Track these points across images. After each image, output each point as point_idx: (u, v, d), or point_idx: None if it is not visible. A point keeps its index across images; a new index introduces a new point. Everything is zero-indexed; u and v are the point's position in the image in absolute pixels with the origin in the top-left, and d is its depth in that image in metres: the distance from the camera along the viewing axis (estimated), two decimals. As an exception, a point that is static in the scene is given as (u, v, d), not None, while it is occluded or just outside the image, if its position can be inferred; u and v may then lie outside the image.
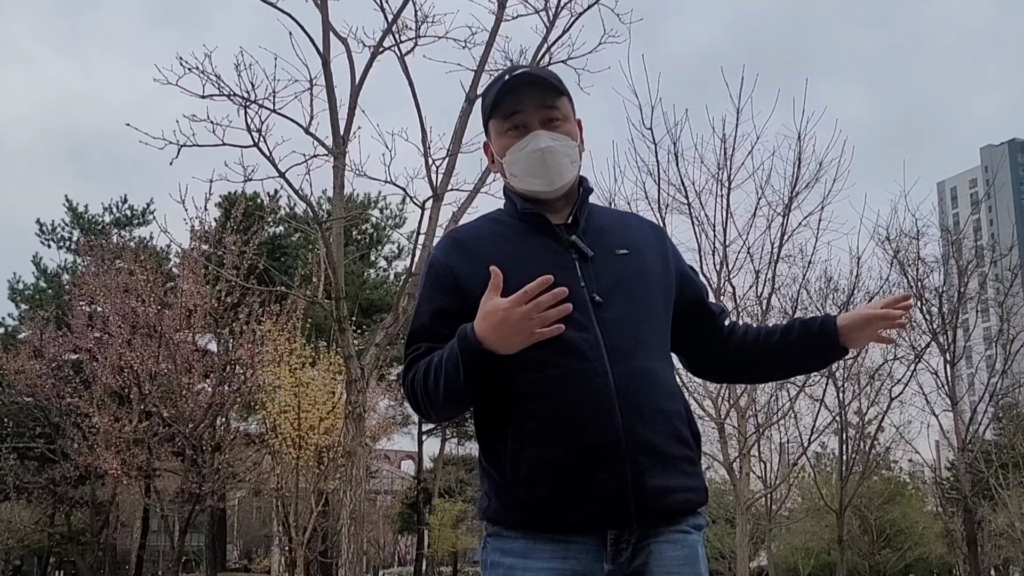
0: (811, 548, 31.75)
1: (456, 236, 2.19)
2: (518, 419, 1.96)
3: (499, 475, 1.99)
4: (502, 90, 2.09)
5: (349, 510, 8.88)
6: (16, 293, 31.72)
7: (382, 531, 41.39)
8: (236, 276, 16.69)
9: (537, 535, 1.95)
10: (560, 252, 2.04)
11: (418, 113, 9.39)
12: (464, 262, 2.05)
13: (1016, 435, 24.97)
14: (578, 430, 1.92)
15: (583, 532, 1.94)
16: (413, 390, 2.02)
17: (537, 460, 1.93)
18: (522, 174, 2.09)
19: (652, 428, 1.96)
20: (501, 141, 2.11)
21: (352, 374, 9.07)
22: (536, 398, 1.94)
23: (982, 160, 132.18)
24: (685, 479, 2.01)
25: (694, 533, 2.06)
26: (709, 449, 19.80)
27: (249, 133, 8.77)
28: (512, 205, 2.15)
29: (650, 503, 1.94)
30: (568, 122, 2.12)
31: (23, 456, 25.54)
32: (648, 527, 1.96)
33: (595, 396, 1.93)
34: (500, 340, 1.85)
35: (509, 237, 2.08)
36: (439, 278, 2.07)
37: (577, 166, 2.12)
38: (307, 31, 9.13)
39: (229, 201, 25.33)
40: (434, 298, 2.06)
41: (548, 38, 9.87)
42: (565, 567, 1.94)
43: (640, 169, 15.60)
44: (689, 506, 2.03)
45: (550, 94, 2.09)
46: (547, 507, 1.93)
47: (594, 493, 1.92)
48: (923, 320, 20.98)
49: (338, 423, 15.62)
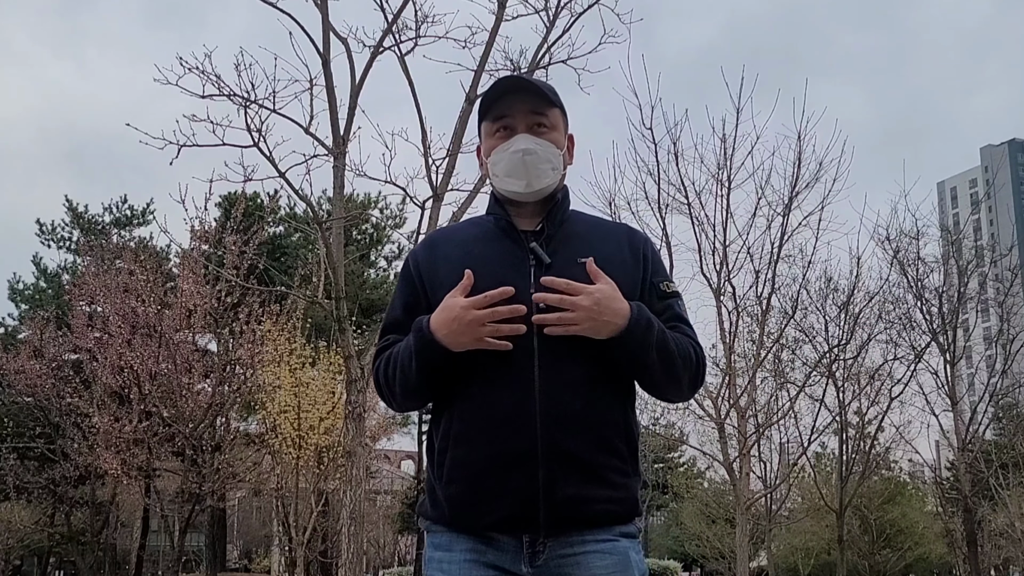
0: (811, 548, 31.76)
1: (432, 236, 2.34)
2: (448, 419, 2.04)
3: (432, 472, 2.08)
4: (495, 94, 2.16)
5: (349, 510, 8.88)
6: (16, 293, 31.72)
7: (382, 531, 41.35)
8: (236, 276, 16.69)
9: (459, 530, 2.02)
10: (519, 258, 2.08)
11: (418, 113, 9.41)
12: (428, 259, 2.17)
13: (1016, 435, 24.96)
14: (497, 434, 1.97)
15: (498, 532, 1.99)
16: (377, 378, 2.15)
17: (458, 460, 2.01)
18: (502, 174, 2.14)
19: (575, 437, 1.97)
20: (489, 142, 2.18)
21: (352, 374, 9.07)
22: (464, 400, 2.01)
23: (982, 160, 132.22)
24: (608, 490, 2.00)
25: (623, 541, 2.03)
26: (709, 449, 19.90)
27: (249, 133, 8.77)
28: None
29: (561, 511, 1.96)
30: (556, 131, 2.17)
31: (23, 456, 25.51)
32: (558, 535, 1.98)
33: (518, 401, 1.96)
34: (450, 336, 1.95)
35: (477, 239, 2.15)
36: (407, 274, 2.20)
37: (559, 174, 2.17)
38: (307, 31, 9.13)
39: (229, 201, 25.32)
40: (403, 293, 2.18)
41: (548, 38, 9.87)
42: (484, 559, 2.00)
43: (640, 169, 15.64)
44: (608, 518, 2.01)
45: (541, 102, 2.15)
46: (463, 506, 2.00)
47: (506, 497, 1.96)
48: (923, 320, 20.99)
49: (338, 423, 15.63)
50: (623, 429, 2.05)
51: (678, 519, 35.61)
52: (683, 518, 34.71)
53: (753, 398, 16.79)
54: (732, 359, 15.94)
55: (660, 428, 26.83)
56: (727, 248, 15.53)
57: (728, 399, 15.56)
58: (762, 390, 18.08)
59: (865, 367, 20.85)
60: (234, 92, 8.80)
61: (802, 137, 15.61)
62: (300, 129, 9.00)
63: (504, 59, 9.79)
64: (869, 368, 20.94)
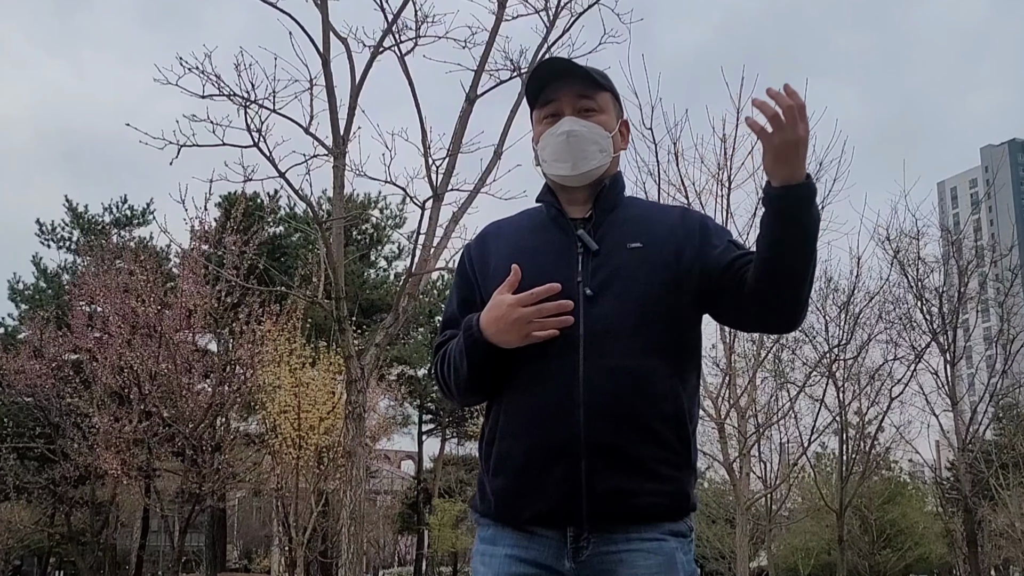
0: (811, 548, 31.73)
1: (485, 228, 2.29)
2: (496, 412, 2.03)
3: (482, 465, 2.07)
4: (540, 80, 2.13)
5: (349, 510, 8.88)
6: (16, 293, 31.72)
7: (382, 531, 41.35)
8: (236, 276, 16.68)
9: (504, 524, 2.01)
10: (566, 246, 2.05)
11: (418, 113, 9.39)
12: (479, 251, 2.17)
13: (1016, 435, 24.96)
14: (540, 425, 1.95)
15: (541, 526, 1.97)
16: (437, 374, 2.15)
17: (504, 453, 2.00)
18: (550, 158, 2.12)
19: (620, 428, 1.93)
20: (537, 129, 2.17)
21: (352, 374, 9.06)
22: (511, 392, 2.00)
23: (982, 160, 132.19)
24: (655, 483, 1.94)
25: (671, 540, 1.97)
26: (709, 449, 19.88)
27: (249, 133, 8.76)
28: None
29: (603, 504, 1.92)
30: (605, 114, 2.13)
31: (23, 456, 25.51)
32: (602, 529, 1.93)
33: (560, 393, 1.94)
34: (498, 333, 1.93)
35: (526, 229, 2.14)
36: (462, 269, 2.20)
37: (607, 156, 2.12)
38: (307, 31, 9.12)
39: (229, 201, 25.31)
40: (459, 288, 2.18)
41: (548, 38, 9.86)
42: (526, 556, 1.98)
43: (640, 169, 15.62)
44: (653, 511, 1.95)
45: (588, 85, 2.12)
46: (508, 499, 1.99)
47: (547, 489, 1.94)
48: (923, 320, 20.99)
49: (338, 423, 15.62)
50: (673, 418, 1.98)
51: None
52: (683, 518, 34.59)
53: (753, 398, 16.78)
54: (732, 359, 15.94)
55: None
56: (727, 248, 15.52)
57: (728, 399, 15.55)
58: (762, 390, 18.09)
59: (865, 367, 20.85)
60: (234, 92, 8.80)
61: (802, 137, 15.59)
62: (300, 129, 9.01)
63: (504, 59, 9.78)
64: (869, 368, 20.94)
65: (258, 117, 8.78)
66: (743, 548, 16.10)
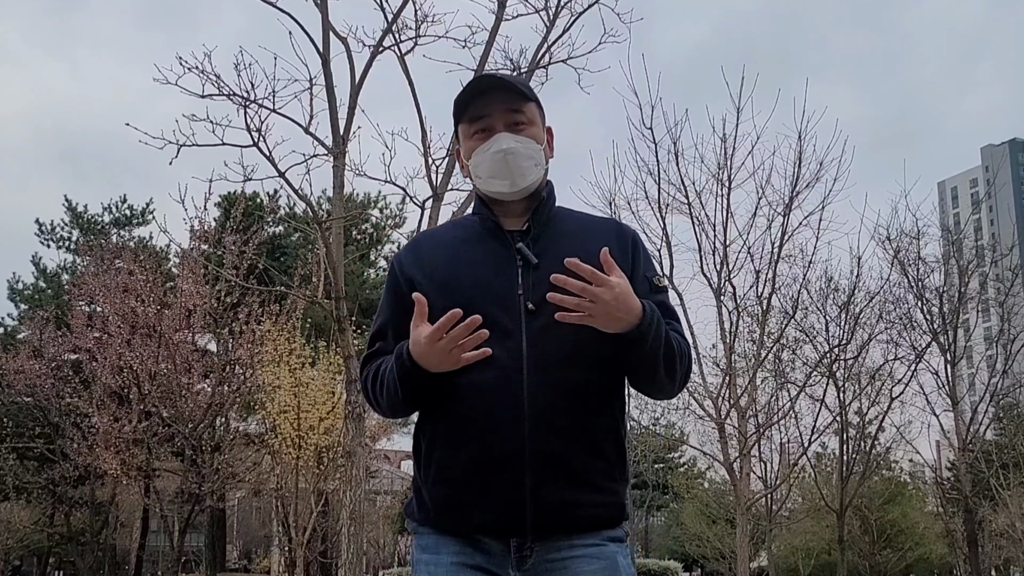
0: (811, 548, 31.73)
1: (416, 238, 2.33)
2: (434, 422, 2.04)
3: (418, 475, 2.08)
4: (468, 94, 2.12)
5: (349, 510, 8.86)
6: (16, 293, 31.72)
7: (382, 531, 41.33)
8: (236, 276, 16.68)
9: (445, 533, 2.02)
10: (505, 258, 2.06)
11: (418, 113, 9.38)
12: (411, 262, 2.15)
13: (1017, 435, 24.96)
14: (483, 436, 1.96)
15: (484, 535, 1.98)
16: (365, 389, 2.16)
17: (444, 462, 2.01)
18: (485, 175, 2.11)
19: (563, 441, 1.96)
20: (468, 144, 2.15)
21: (352, 374, 9.04)
22: (451, 402, 2.00)
23: (982, 160, 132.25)
24: (596, 494, 2.00)
25: (610, 545, 2.02)
26: (709, 449, 19.88)
27: (249, 133, 8.74)
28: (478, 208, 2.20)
29: (548, 515, 1.95)
30: (534, 126, 2.14)
31: (23, 456, 25.50)
32: (546, 539, 1.96)
33: (504, 405, 1.95)
34: (431, 366, 1.94)
35: (462, 241, 2.13)
36: (393, 279, 2.17)
37: (542, 169, 2.14)
38: (307, 31, 9.11)
39: (229, 201, 25.32)
40: (389, 299, 2.17)
41: (548, 38, 9.84)
42: (472, 562, 1.99)
43: (640, 169, 15.64)
44: (595, 522, 2.00)
45: (516, 99, 2.12)
46: (449, 508, 2.00)
47: (492, 500, 1.95)
48: (924, 320, 20.99)
49: (338, 423, 15.61)
50: (611, 433, 2.03)
51: (678, 519, 35.61)
52: (683, 518, 34.70)
53: (753, 398, 16.77)
54: (732, 359, 15.94)
55: (660, 428, 26.82)
56: (727, 248, 15.52)
57: (728, 399, 15.54)
58: (762, 390, 18.08)
59: (865, 367, 20.85)
60: (234, 92, 8.77)
61: (802, 137, 15.60)
62: (300, 129, 8.98)
63: (504, 59, 9.77)
64: (869, 368, 20.95)
65: (258, 117, 8.76)
66: (743, 548, 16.09)
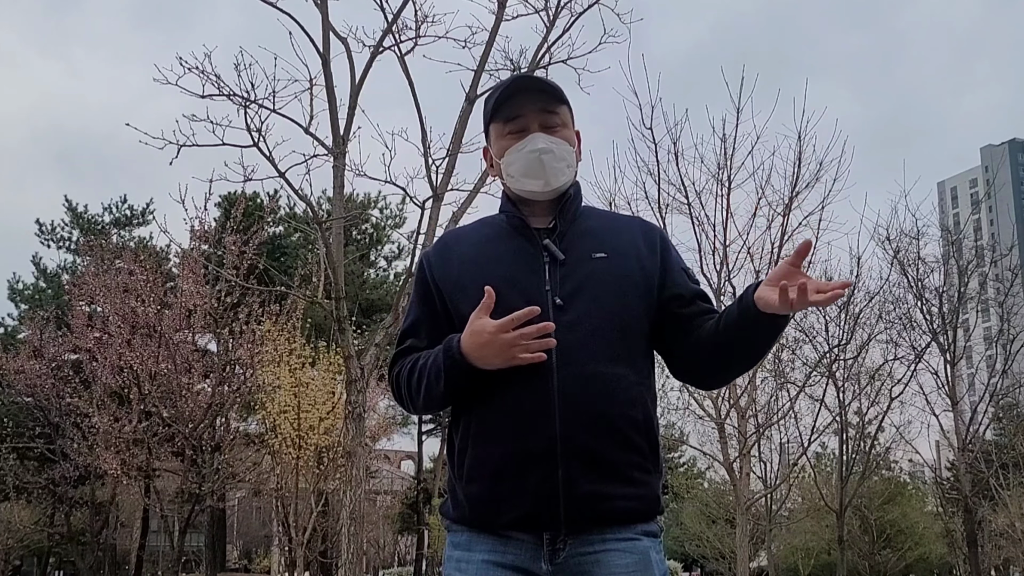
0: (811, 548, 31.75)
1: (444, 237, 2.33)
2: (467, 419, 2.05)
3: (452, 472, 2.09)
4: (505, 94, 2.15)
5: (349, 510, 8.88)
6: (16, 293, 31.73)
7: (382, 531, 41.36)
8: (236, 276, 16.68)
9: (479, 530, 2.03)
10: (532, 255, 2.08)
11: (418, 113, 9.41)
12: (441, 261, 2.16)
13: (1016, 435, 24.97)
14: (515, 432, 1.97)
15: (518, 530, 1.99)
16: (397, 384, 2.15)
17: (477, 459, 2.01)
18: (519, 174, 2.13)
19: (596, 434, 1.97)
20: (501, 143, 2.16)
21: (352, 374, 9.06)
22: (484, 399, 2.01)
23: (982, 160, 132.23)
24: (629, 487, 2.00)
25: (644, 539, 2.03)
26: (709, 449, 19.88)
27: (249, 133, 8.77)
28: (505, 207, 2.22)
29: (581, 508, 1.96)
30: (567, 129, 2.16)
31: (23, 456, 25.51)
32: (579, 532, 1.97)
33: (536, 399, 1.96)
34: (482, 359, 1.95)
35: (489, 239, 2.15)
36: (421, 278, 2.19)
37: (573, 171, 2.17)
38: (307, 31, 9.13)
39: (229, 201, 25.33)
40: (419, 298, 2.18)
41: (548, 38, 9.88)
42: (503, 560, 2.00)
43: (640, 169, 15.59)
44: (630, 515, 2.01)
45: (551, 100, 2.14)
46: (483, 505, 2.01)
47: (525, 494, 1.96)
48: (923, 320, 20.98)
49: (338, 423, 15.61)
50: (643, 426, 2.04)
51: (678, 519, 35.60)
52: (683, 518, 34.70)
53: (753, 398, 16.76)
54: (732, 359, 15.89)
55: (660, 428, 26.75)
56: (727, 248, 15.49)
57: (728, 399, 15.53)
58: (762, 390, 18.06)
59: (865, 367, 20.85)
60: (234, 92, 8.81)
61: (802, 137, 15.58)
62: (300, 129, 9.02)
63: (504, 59, 9.79)
64: (869, 368, 20.94)
65: (258, 117, 8.80)
66: (743, 548, 16.09)
